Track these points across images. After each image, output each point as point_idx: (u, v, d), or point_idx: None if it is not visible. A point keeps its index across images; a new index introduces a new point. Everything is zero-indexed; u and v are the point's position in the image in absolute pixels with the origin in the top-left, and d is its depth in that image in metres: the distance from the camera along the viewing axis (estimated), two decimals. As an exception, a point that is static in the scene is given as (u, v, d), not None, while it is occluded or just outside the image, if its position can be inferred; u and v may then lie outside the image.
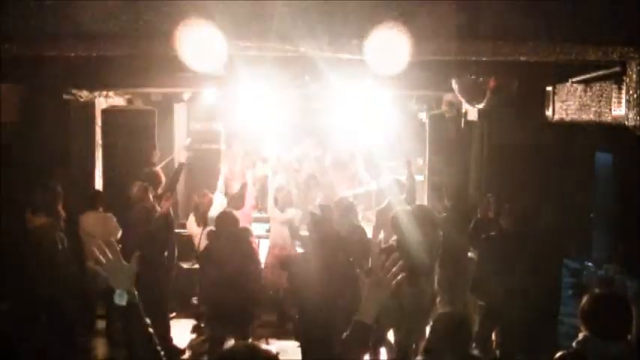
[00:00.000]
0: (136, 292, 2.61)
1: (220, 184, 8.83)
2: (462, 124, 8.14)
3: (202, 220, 7.57)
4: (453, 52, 4.19)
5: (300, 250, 7.46)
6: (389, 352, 6.21)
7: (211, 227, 6.46)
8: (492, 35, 3.74)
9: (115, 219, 6.97)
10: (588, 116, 5.32)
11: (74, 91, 7.41)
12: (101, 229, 6.77)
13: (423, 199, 9.11)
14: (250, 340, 2.37)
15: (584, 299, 3.46)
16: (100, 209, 7.20)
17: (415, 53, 3.83)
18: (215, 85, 7.83)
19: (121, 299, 2.58)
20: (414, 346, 5.93)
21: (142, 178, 7.33)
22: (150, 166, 8.19)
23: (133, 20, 3.59)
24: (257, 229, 8.70)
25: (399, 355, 5.86)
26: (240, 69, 5.97)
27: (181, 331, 7.51)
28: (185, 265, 8.21)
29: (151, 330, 2.59)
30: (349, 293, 5.43)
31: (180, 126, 11.03)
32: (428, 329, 6.96)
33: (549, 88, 6.17)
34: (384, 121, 10.11)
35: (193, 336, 7.56)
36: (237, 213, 6.56)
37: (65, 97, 7.33)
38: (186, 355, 7.15)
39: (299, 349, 5.73)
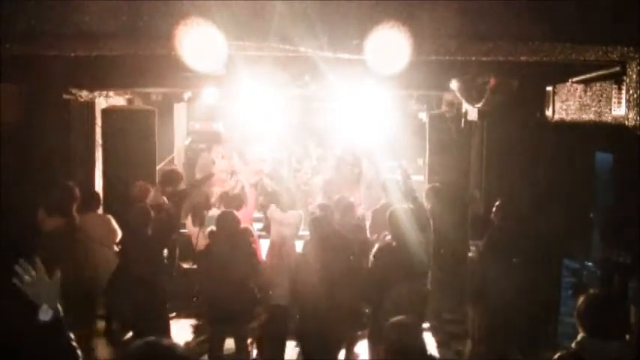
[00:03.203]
0: (60, 307, 2.60)
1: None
2: (462, 124, 8.14)
3: (200, 220, 7.58)
4: (453, 52, 4.19)
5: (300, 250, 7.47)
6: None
7: (212, 227, 6.47)
8: (492, 35, 3.73)
9: (114, 221, 6.96)
10: (588, 116, 5.32)
11: (74, 91, 7.41)
12: (100, 231, 6.76)
13: (422, 199, 9.11)
14: (153, 338, 2.33)
15: (580, 300, 3.47)
16: (99, 211, 7.20)
17: (415, 53, 3.83)
18: (215, 85, 7.83)
19: (45, 315, 2.57)
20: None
21: (160, 176, 7.35)
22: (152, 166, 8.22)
23: (133, 20, 3.58)
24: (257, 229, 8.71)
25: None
26: (240, 69, 5.98)
27: (181, 331, 7.51)
28: (185, 265, 8.22)
29: (74, 344, 2.58)
30: (349, 292, 5.44)
31: (180, 126, 11.07)
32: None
33: (549, 88, 6.18)
34: (384, 121, 10.12)
35: (193, 336, 7.56)
36: (238, 213, 6.57)
37: (65, 97, 7.33)
38: (186, 355, 7.15)
39: (299, 349, 5.73)
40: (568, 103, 5.76)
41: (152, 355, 2.18)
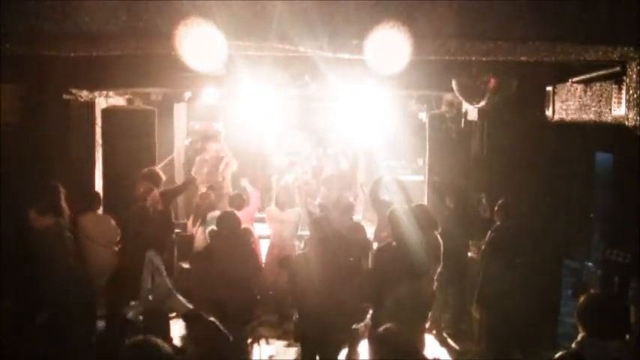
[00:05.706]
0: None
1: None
2: (462, 124, 8.14)
3: (202, 220, 7.58)
4: (452, 52, 4.19)
5: (299, 250, 7.48)
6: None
7: (212, 227, 6.47)
8: (492, 35, 3.74)
9: (113, 221, 6.95)
10: (588, 116, 5.33)
11: (74, 91, 7.40)
12: (100, 231, 6.76)
13: (422, 199, 9.12)
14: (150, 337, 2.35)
15: (580, 300, 3.48)
16: (99, 211, 7.19)
17: (415, 53, 3.84)
18: (215, 85, 7.83)
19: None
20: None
21: (142, 177, 7.33)
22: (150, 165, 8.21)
23: (133, 20, 3.58)
24: (257, 228, 8.71)
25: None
26: (240, 69, 5.98)
27: (181, 331, 7.50)
28: (185, 265, 8.21)
29: None
30: (349, 292, 5.44)
31: (180, 126, 11.05)
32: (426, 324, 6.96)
33: (549, 88, 6.18)
34: (384, 121, 10.12)
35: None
36: (239, 213, 6.57)
37: (65, 97, 7.32)
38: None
39: (299, 349, 5.73)
40: (568, 103, 5.76)
41: (139, 354, 2.21)
